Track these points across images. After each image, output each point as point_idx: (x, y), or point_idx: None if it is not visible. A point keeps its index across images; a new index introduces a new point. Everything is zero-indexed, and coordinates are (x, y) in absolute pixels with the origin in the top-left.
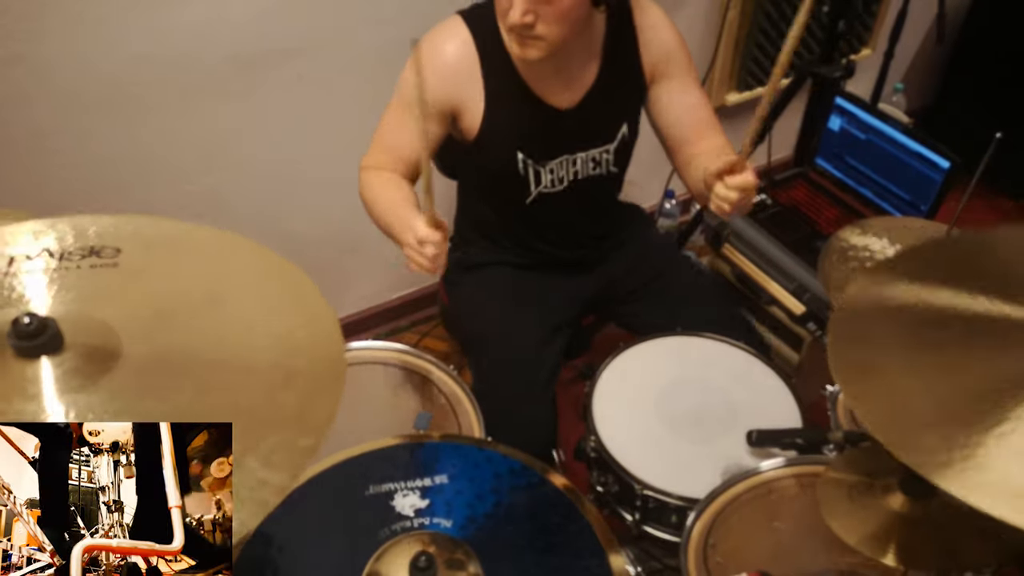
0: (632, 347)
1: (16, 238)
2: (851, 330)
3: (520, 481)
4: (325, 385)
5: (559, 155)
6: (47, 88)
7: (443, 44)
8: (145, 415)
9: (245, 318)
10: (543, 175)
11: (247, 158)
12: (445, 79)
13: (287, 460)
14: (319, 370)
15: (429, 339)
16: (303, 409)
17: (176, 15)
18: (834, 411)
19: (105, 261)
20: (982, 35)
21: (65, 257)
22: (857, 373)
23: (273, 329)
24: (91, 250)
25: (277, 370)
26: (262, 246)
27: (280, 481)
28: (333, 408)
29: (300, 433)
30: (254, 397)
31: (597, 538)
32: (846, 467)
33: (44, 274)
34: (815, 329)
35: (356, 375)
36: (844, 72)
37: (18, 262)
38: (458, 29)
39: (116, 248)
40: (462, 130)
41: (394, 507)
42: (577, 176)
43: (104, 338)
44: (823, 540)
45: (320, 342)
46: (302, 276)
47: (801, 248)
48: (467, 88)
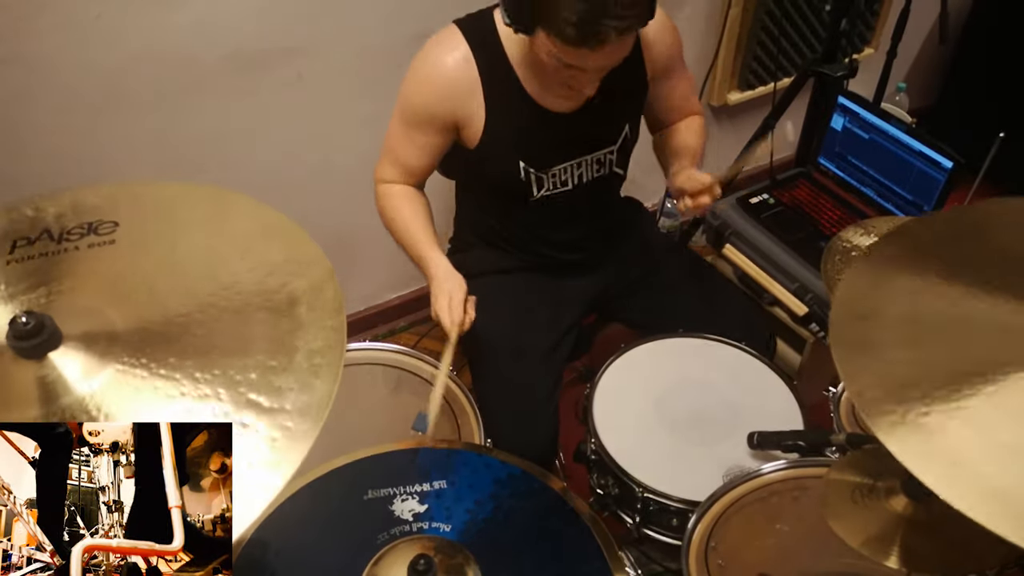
0: (632, 349)
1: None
2: (852, 308)
3: (520, 487)
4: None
5: (561, 161)
6: (46, 87)
7: (443, 58)
8: (152, 391)
9: (241, 275)
10: (545, 181)
11: (246, 157)
12: (446, 95)
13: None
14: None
15: (428, 340)
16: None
17: (175, 14)
18: (836, 413)
19: (103, 238)
20: (985, 34)
21: (65, 238)
22: (856, 363)
23: (269, 285)
24: (89, 227)
25: (278, 316)
26: (261, 203)
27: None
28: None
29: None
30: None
31: (597, 543)
32: (849, 469)
33: (42, 260)
34: (817, 330)
35: (354, 376)
36: (847, 71)
37: (20, 248)
38: (456, 41)
39: (114, 222)
40: (464, 139)
41: (393, 512)
42: (581, 179)
43: (102, 324)
44: (825, 543)
45: (318, 292)
46: (298, 232)
47: (803, 248)
48: (468, 102)
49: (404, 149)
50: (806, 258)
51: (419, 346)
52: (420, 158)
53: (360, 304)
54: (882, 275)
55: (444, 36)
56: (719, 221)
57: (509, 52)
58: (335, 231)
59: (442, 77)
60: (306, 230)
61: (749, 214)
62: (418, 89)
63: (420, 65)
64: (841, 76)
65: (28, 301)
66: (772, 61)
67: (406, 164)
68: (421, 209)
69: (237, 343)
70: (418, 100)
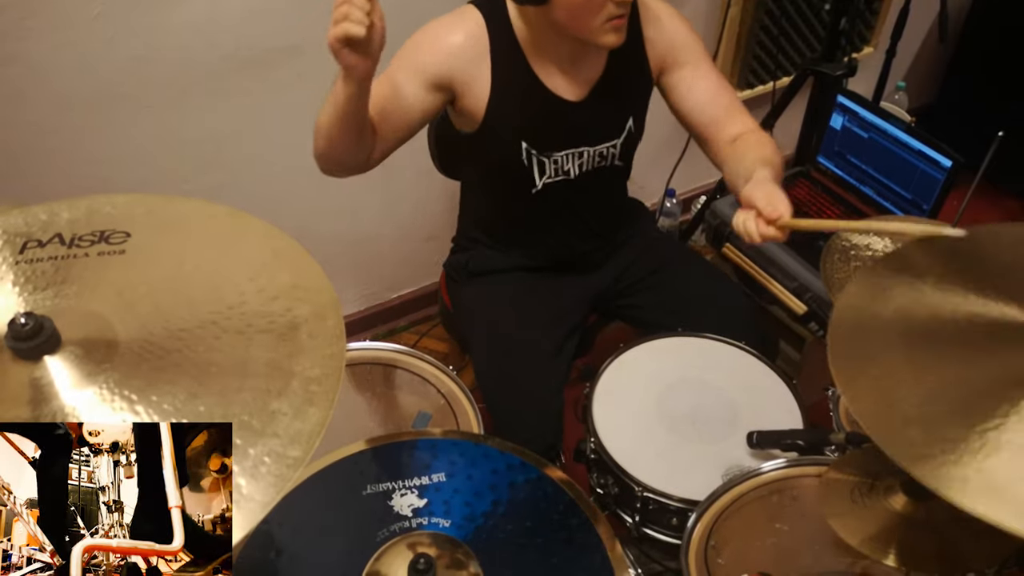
0: (632, 348)
1: (30, 218)
2: (851, 327)
3: (518, 477)
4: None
5: (565, 148)
6: (44, 87)
7: (456, 21)
8: (151, 405)
9: (248, 296)
10: (547, 166)
11: (245, 158)
12: (451, 54)
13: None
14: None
15: (428, 339)
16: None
17: (174, 14)
18: (836, 412)
19: (113, 247)
20: (984, 33)
21: (75, 243)
22: (854, 369)
23: (273, 308)
24: (101, 235)
25: (279, 341)
26: (272, 226)
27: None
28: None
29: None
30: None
31: (598, 534)
32: (848, 468)
33: (51, 263)
34: (817, 329)
35: (354, 376)
36: (846, 70)
37: (30, 249)
38: (471, 13)
39: (126, 232)
40: (465, 113)
41: (392, 507)
42: (583, 168)
43: (102, 332)
44: (825, 542)
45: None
46: (308, 260)
47: (802, 247)
48: (473, 68)
49: (380, 87)
50: (805, 257)
51: (419, 346)
52: (391, 102)
53: (360, 304)
54: (880, 287)
55: (459, 10)
56: (718, 220)
57: (519, 34)
58: (335, 231)
59: (452, 35)
60: (306, 230)
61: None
62: (423, 45)
63: (431, 26)
64: (840, 75)
65: (32, 302)
66: (771, 60)
67: (380, 111)
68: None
69: (235, 363)
70: (423, 47)
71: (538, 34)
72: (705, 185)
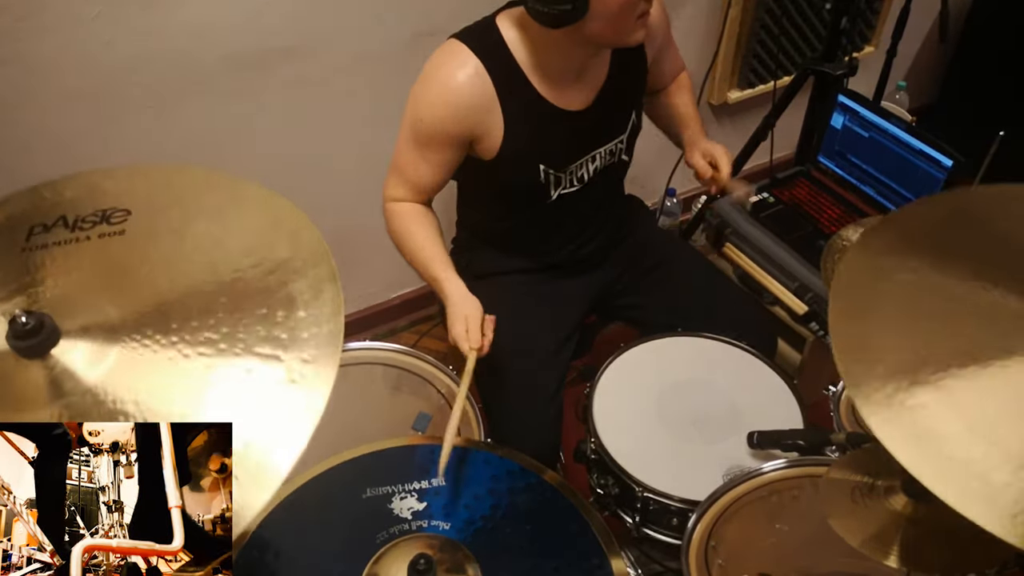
0: (632, 348)
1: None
2: (850, 290)
3: (518, 483)
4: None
5: (579, 158)
6: (45, 87)
7: (454, 75)
8: (166, 362)
9: (242, 264)
10: (563, 179)
11: (245, 158)
12: (463, 115)
13: None
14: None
15: (427, 339)
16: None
17: (175, 14)
18: (836, 412)
19: (114, 227)
20: (985, 33)
21: (78, 227)
22: (853, 334)
23: (266, 257)
24: (103, 215)
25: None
26: (273, 192)
27: None
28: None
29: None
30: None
31: (597, 539)
32: (849, 468)
33: (56, 249)
34: (817, 329)
35: (354, 376)
36: (847, 70)
37: (36, 235)
38: (464, 56)
39: (127, 210)
40: (479, 152)
41: (392, 510)
42: (596, 171)
43: (99, 317)
44: (825, 542)
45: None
46: (305, 221)
47: (803, 247)
48: (486, 118)
49: (415, 168)
50: (806, 257)
51: (419, 345)
52: (433, 176)
53: (360, 304)
54: (877, 262)
55: (449, 52)
56: (718, 220)
57: (519, 58)
58: (335, 231)
59: (457, 96)
60: None
61: (749, 213)
62: (431, 110)
63: (431, 84)
64: (841, 74)
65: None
66: (772, 59)
67: (417, 183)
68: (432, 229)
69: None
70: (432, 120)
71: (543, 55)
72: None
